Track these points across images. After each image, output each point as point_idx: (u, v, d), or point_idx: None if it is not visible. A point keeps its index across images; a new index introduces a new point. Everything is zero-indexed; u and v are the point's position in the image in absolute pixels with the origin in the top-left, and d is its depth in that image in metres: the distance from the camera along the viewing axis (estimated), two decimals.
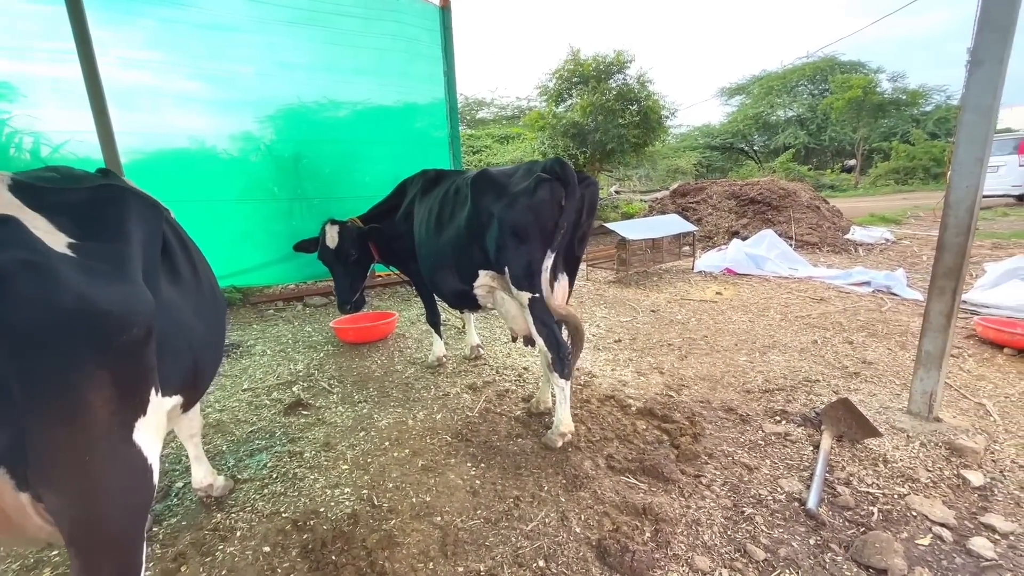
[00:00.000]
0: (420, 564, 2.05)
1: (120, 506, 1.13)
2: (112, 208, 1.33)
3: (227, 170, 5.77)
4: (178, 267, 1.58)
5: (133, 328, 1.13)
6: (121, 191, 1.42)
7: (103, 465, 1.10)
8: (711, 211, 9.65)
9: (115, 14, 4.90)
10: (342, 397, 3.59)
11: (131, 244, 1.28)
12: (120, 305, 1.11)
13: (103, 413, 1.10)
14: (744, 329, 4.67)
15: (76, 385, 1.03)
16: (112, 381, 1.11)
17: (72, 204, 1.24)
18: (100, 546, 1.08)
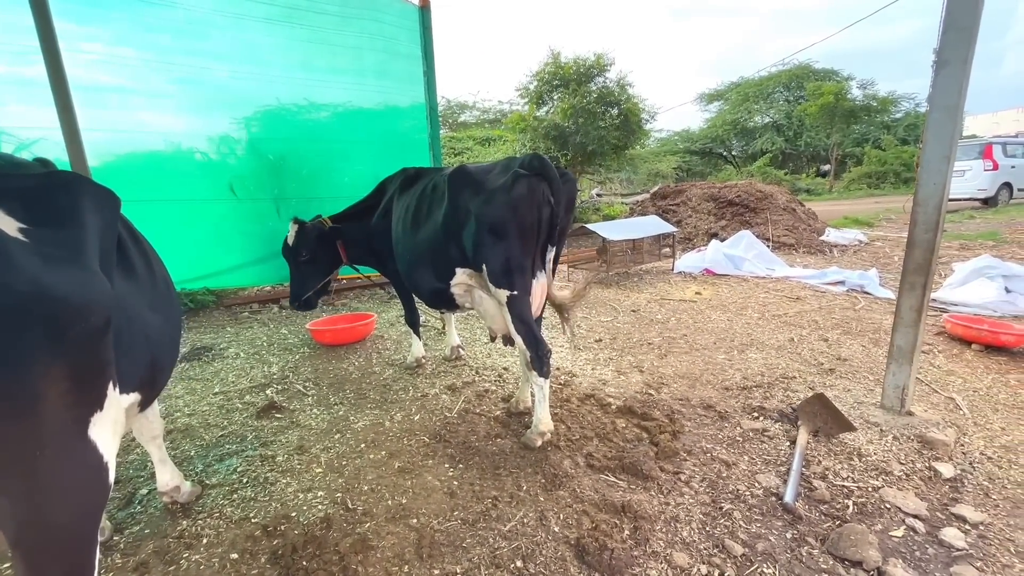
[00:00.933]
0: (395, 568, 1.99)
1: (72, 507, 1.06)
2: (65, 195, 1.26)
3: (202, 171, 5.62)
4: (132, 260, 1.51)
5: (91, 317, 1.06)
6: (76, 178, 1.35)
7: (54, 463, 1.03)
8: (691, 213, 9.76)
9: (83, 8, 4.74)
10: (317, 399, 3.51)
11: (86, 231, 1.21)
12: (77, 293, 1.05)
13: (56, 407, 1.03)
14: (723, 328, 4.71)
15: (28, 376, 0.96)
16: (67, 373, 1.04)
17: (22, 190, 1.17)
18: (49, 549, 1.01)
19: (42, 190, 1.22)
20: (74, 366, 1.05)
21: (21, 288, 0.94)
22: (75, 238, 1.14)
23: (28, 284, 0.95)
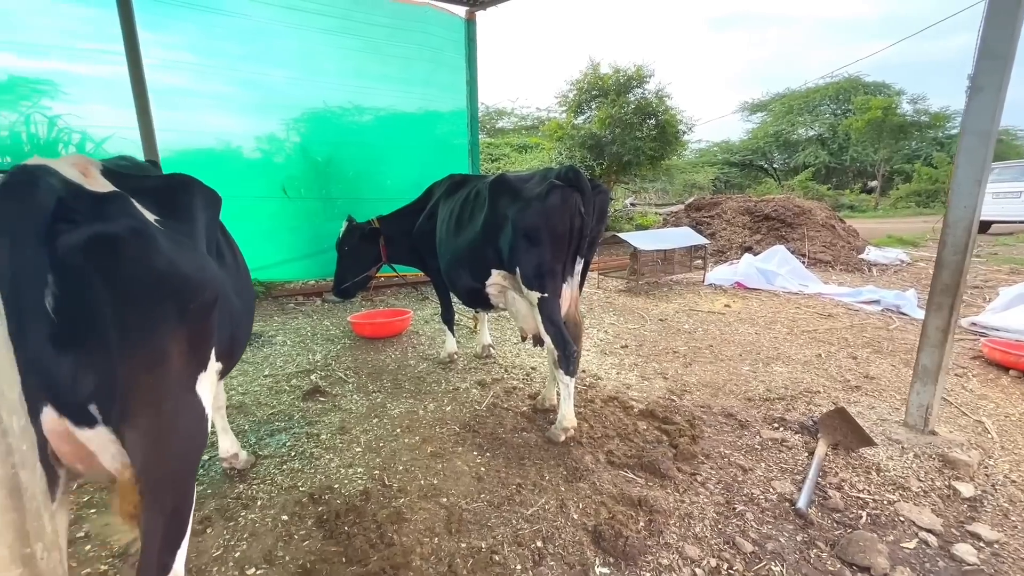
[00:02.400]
0: (426, 539, 2.19)
1: (184, 446, 1.30)
2: (184, 194, 1.54)
3: (257, 170, 6.05)
4: (223, 249, 1.77)
5: (205, 293, 1.30)
6: (191, 180, 1.63)
7: (173, 408, 1.27)
8: (725, 226, 9.72)
9: (159, 18, 5.20)
10: (357, 387, 3.77)
11: (199, 224, 1.48)
12: (197, 273, 1.29)
13: (178, 363, 1.27)
14: (750, 341, 4.75)
15: (161, 336, 1.21)
16: (186, 337, 1.28)
17: (150, 188, 1.44)
18: (165, 479, 1.23)
19: (167, 189, 1.50)
20: (191, 332, 1.30)
21: (161, 267, 1.18)
22: (192, 229, 1.40)
23: (166, 264, 1.19)
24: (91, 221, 1.08)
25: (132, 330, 1.15)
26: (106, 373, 1.12)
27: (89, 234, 1.06)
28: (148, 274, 1.15)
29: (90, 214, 1.11)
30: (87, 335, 1.11)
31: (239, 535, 2.20)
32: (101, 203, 1.16)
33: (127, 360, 1.14)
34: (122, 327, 1.13)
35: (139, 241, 1.14)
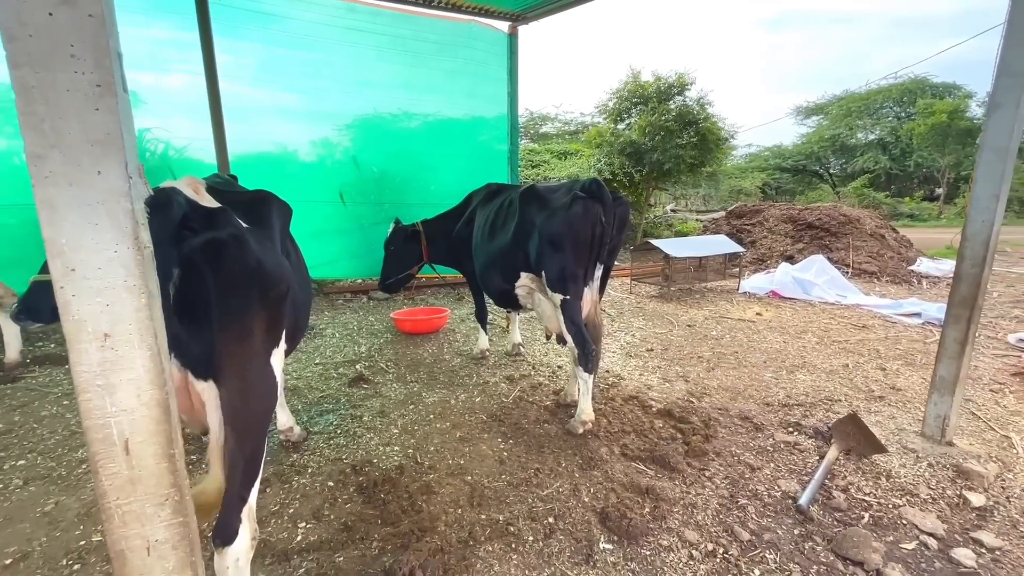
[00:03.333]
0: (451, 509, 2.47)
1: (260, 404, 1.66)
2: (264, 205, 1.94)
3: (310, 172, 6.56)
4: (289, 251, 2.13)
5: (281, 285, 1.67)
6: (268, 194, 2.03)
7: (255, 373, 1.63)
8: (766, 234, 9.58)
9: (232, 41, 5.79)
10: (396, 376, 4.12)
11: (275, 230, 1.84)
12: (277, 269, 1.66)
13: (259, 338, 1.63)
14: (776, 349, 4.80)
15: (248, 316, 1.57)
16: (266, 318, 1.65)
17: (240, 201, 1.82)
18: (247, 428, 1.58)
19: (252, 202, 1.89)
20: (269, 315, 1.65)
21: (251, 264, 1.53)
22: (271, 233, 1.77)
23: (255, 262, 1.54)
24: (205, 229, 1.46)
25: (229, 310, 1.51)
26: (205, 344, 1.48)
27: (204, 239, 1.43)
28: (242, 269, 1.52)
29: (204, 224, 1.48)
30: (200, 312, 1.47)
31: (292, 495, 2.56)
32: (211, 215, 1.54)
33: (224, 332, 1.50)
34: (222, 308, 1.49)
35: (237, 244, 1.50)
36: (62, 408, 3.47)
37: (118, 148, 0.85)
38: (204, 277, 1.44)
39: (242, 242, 1.51)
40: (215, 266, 1.44)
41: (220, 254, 1.45)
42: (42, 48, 0.79)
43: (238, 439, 1.54)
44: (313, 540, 2.23)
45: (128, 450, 0.95)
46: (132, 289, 0.92)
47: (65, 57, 0.81)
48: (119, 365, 0.93)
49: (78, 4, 0.80)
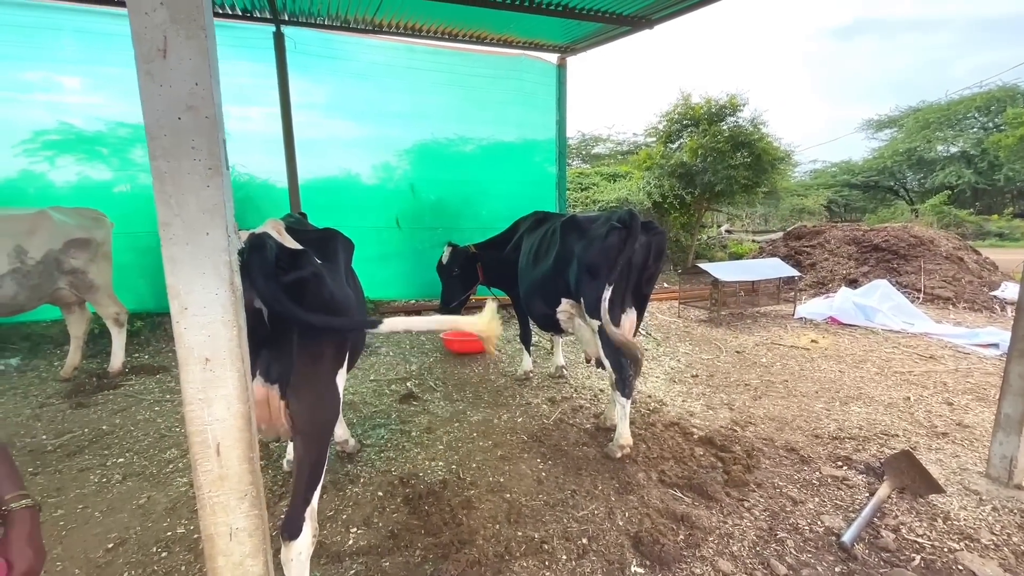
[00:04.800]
0: (490, 524, 2.61)
1: (326, 416, 1.92)
2: (332, 242, 2.27)
3: (370, 196, 7.02)
4: (350, 279, 2.41)
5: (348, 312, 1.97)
6: (335, 232, 2.37)
7: (324, 389, 1.91)
8: (827, 256, 9.17)
9: (304, 80, 6.39)
10: (444, 395, 4.34)
11: (340, 263, 2.16)
12: (344, 300, 1.95)
13: (329, 359, 1.92)
14: (830, 378, 4.63)
15: (322, 342, 1.86)
16: (335, 343, 1.94)
17: (313, 240, 2.15)
18: (313, 438, 1.83)
19: (322, 240, 2.22)
20: (337, 340, 1.95)
21: (326, 296, 1.82)
22: (337, 267, 2.06)
23: (328, 295, 1.80)
24: (291, 269, 1.74)
25: (306, 336, 1.79)
26: (285, 364, 1.75)
27: (292, 277, 1.71)
28: (319, 301, 1.78)
29: (290, 264, 1.75)
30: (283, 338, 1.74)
31: (346, 502, 2.80)
32: (296, 256, 1.80)
33: (301, 354, 1.78)
34: (301, 334, 1.77)
35: (316, 281, 1.78)
36: (153, 414, 3.93)
37: (222, 215, 1.10)
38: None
39: (320, 279, 1.78)
40: (298, 300, 1.71)
41: (303, 289, 1.73)
42: (172, 143, 1.05)
43: (306, 446, 1.80)
44: (363, 545, 2.44)
45: (219, 452, 1.19)
46: (227, 323, 1.16)
47: (188, 149, 1.07)
48: (215, 384, 1.17)
49: (198, 109, 1.06)
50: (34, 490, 2.88)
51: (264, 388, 1.76)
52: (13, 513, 1.11)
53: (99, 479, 3.01)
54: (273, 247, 1.72)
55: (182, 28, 1.02)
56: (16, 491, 1.14)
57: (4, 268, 3.89)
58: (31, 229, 4.10)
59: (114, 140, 5.85)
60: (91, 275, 4.43)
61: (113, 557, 2.37)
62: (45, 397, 4.22)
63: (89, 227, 4.45)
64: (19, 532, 1.09)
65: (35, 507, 1.15)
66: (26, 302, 4.09)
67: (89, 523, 2.61)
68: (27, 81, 5.51)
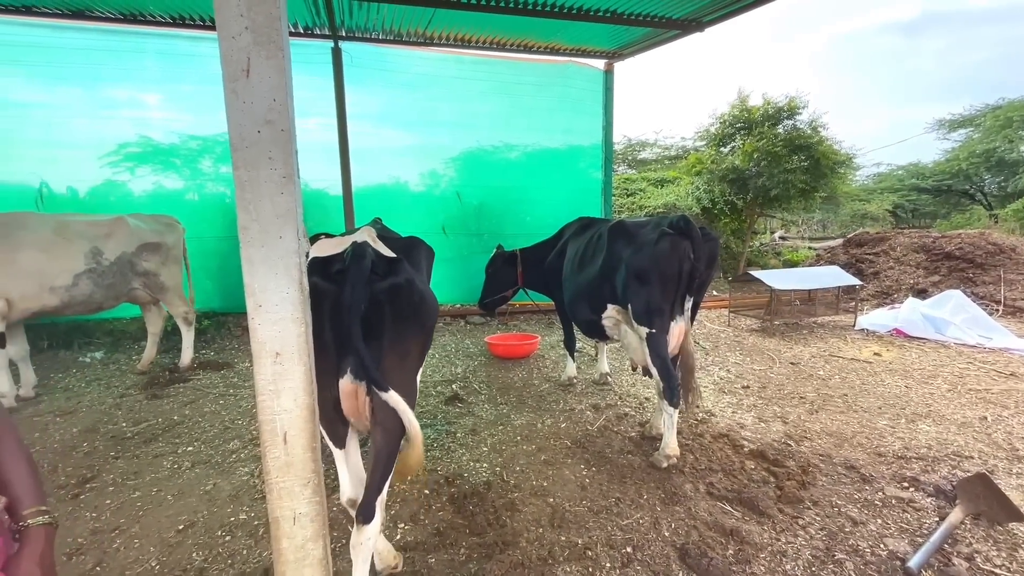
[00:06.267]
0: (533, 527, 2.63)
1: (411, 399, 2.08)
2: (416, 249, 2.46)
3: (418, 202, 7.23)
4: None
5: (435, 315, 2.14)
6: (418, 240, 2.57)
7: (409, 383, 2.08)
8: (892, 265, 8.63)
9: (359, 94, 6.68)
10: (488, 398, 4.40)
11: (424, 269, 2.37)
12: (433, 303, 2.12)
13: (415, 357, 2.10)
14: (895, 394, 4.35)
15: (410, 341, 2.04)
16: (420, 343, 2.12)
17: (398, 247, 2.30)
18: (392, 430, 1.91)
19: (409, 247, 2.41)
20: (422, 340, 2.12)
21: (417, 301, 1.97)
22: (422, 272, 2.28)
23: (420, 299, 1.97)
24: (387, 275, 1.92)
25: (398, 337, 1.95)
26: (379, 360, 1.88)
27: (388, 283, 1.89)
28: (411, 305, 1.96)
29: (385, 270, 1.93)
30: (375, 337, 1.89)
31: (394, 499, 2.88)
32: (391, 263, 1.98)
33: (391, 353, 1.94)
34: (393, 334, 1.93)
35: (410, 286, 1.95)
36: (218, 406, 4.19)
37: (294, 220, 1.20)
38: (384, 311, 1.89)
39: (413, 285, 1.96)
40: (392, 302, 1.89)
41: (398, 294, 1.91)
42: (252, 155, 1.15)
43: (384, 438, 1.91)
44: (410, 540, 2.51)
45: (286, 441, 1.27)
46: (296, 320, 1.25)
47: (265, 159, 1.16)
48: (284, 377, 1.26)
49: (275, 123, 1.15)
50: (115, 473, 3.15)
51: (353, 384, 1.91)
52: (29, 530, 1.06)
53: (171, 465, 3.25)
54: (371, 255, 1.90)
55: (263, 49, 1.12)
56: (36, 505, 1.09)
57: (81, 268, 4.25)
58: (108, 233, 4.47)
59: (186, 151, 6.33)
60: (162, 277, 4.79)
61: (183, 538, 2.55)
62: (124, 388, 4.59)
63: (161, 232, 4.82)
64: (32, 551, 1.03)
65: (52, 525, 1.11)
66: (103, 300, 4.46)
67: (162, 505, 2.82)
68: (116, 98, 6.05)
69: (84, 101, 5.93)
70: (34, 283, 4.03)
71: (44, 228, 4.14)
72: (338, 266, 1.90)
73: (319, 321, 1.80)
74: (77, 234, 4.28)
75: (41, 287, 4.05)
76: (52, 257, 4.11)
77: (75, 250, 4.23)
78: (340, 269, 1.88)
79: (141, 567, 2.34)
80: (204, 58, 5.97)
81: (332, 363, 1.91)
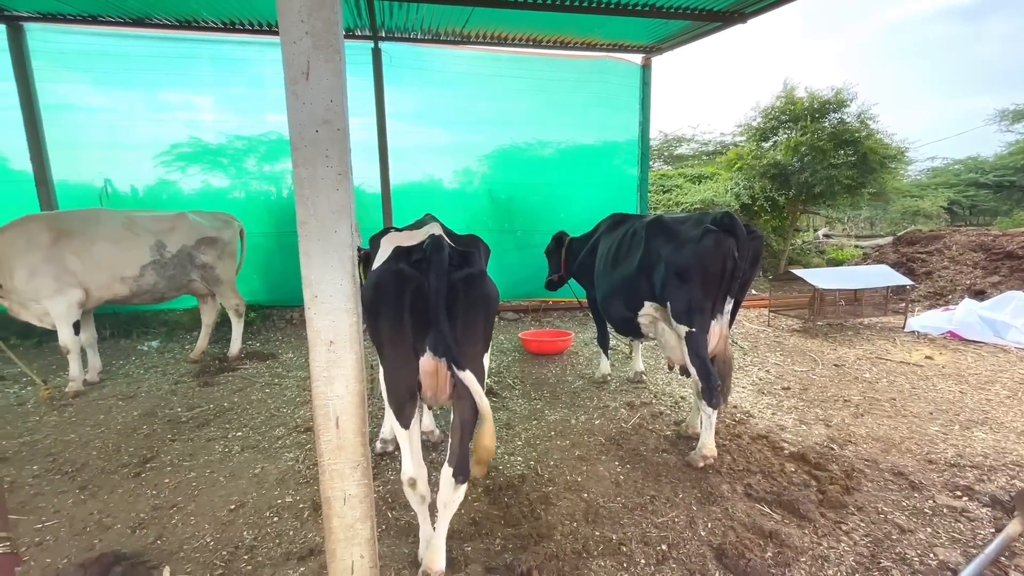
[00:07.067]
0: (567, 522, 2.65)
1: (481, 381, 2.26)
2: (475, 245, 2.63)
3: (452, 199, 7.33)
4: None
5: (497, 302, 2.37)
6: (477, 238, 2.77)
7: (480, 365, 2.31)
8: (947, 264, 8.19)
9: (396, 94, 6.81)
10: (522, 393, 4.44)
11: (484, 262, 2.56)
12: (496, 294, 2.34)
13: (483, 341, 2.32)
14: (949, 399, 4.15)
15: (481, 326, 2.25)
16: (488, 329, 2.34)
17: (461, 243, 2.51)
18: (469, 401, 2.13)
19: (469, 243, 2.60)
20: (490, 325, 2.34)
21: (487, 290, 2.20)
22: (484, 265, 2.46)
23: (490, 289, 2.20)
24: (462, 267, 2.11)
25: (470, 322, 2.17)
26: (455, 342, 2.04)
27: (465, 272, 2.09)
28: (482, 294, 2.18)
29: (460, 262, 2.13)
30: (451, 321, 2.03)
31: (431, 487, 2.95)
32: (465, 256, 2.17)
33: (464, 337, 2.15)
34: (465, 319, 2.14)
35: (482, 276, 2.18)
36: (264, 395, 4.39)
37: (348, 215, 1.26)
38: (458, 298, 2.08)
39: (484, 275, 2.21)
40: (466, 291, 2.10)
41: (473, 284, 2.13)
42: (311, 153, 1.22)
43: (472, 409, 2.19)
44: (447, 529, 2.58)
45: (338, 425, 1.35)
46: (349, 311, 1.31)
47: (322, 157, 1.23)
48: (337, 364, 1.33)
49: (332, 123, 1.22)
50: (172, 454, 3.35)
51: (434, 361, 2.15)
52: None
53: (222, 449, 3.43)
54: (447, 246, 2.10)
55: (321, 53, 1.19)
56: None
57: (147, 259, 4.57)
58: (171, 228, 4.77)
59: (232, 151, 6.61)
60: (218, 270, 5.05)
61: (234, 517, 2.70)
62: (179, 375, 4.86)
63: (218, 228, 5.08)
64: None
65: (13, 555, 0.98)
66: (166, 290, 4.77)
67: (215, 486, 2.99)
68: (171, 102, 6.38)
69: (143, 105, 6.29)
70: (107, 273, 4.40)
71: (115, 223, 4.51)
72: (417, 255, 2.10)
73: (401, 305, 2.05)
74: (143, 228, 4.61)
75: (113, 277, 4.42)
76: (122, 249, 4.47)
77: (142, 243, 4.57)
78: (420, 258, 2.09)
79: (197, 542, 2.49)
80: (251, 62, 6.23)
81: (411, 344, 2.13)
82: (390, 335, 2.15)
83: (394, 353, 2.17)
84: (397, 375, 2.19)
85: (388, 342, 2.17)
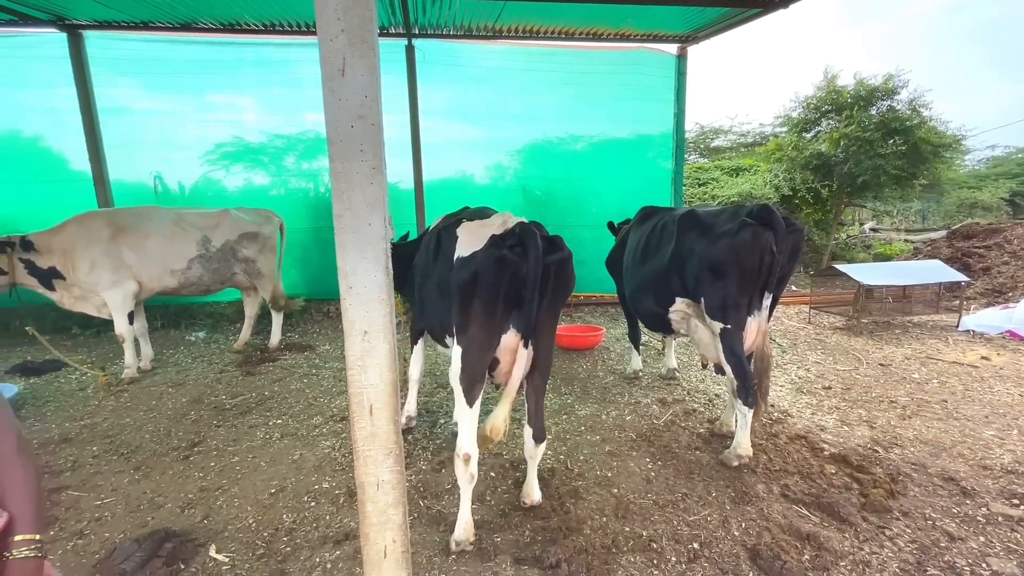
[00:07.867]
0: (596, 516, 2.65)
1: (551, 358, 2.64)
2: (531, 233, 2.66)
3: (483, 195, 7.35)
4: None
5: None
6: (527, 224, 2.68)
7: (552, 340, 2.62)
8: (1008, 260, 7.69)
9: (429, 90, 6.88)
10: (552, 387, 4.43)
11: None
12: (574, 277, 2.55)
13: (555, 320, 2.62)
14: (1006, 402, 3.91)
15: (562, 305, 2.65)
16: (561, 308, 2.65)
17: None
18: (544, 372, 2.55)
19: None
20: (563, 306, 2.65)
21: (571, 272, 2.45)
22: None
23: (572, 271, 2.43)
24: (553, 251, 2.31)
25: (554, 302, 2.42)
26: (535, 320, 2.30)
27: (557, 256, 2.30)
28: (570, 276, 2.43)
29: (551, 247, 2.31)
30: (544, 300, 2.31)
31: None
32: (554, 241, 2.36)
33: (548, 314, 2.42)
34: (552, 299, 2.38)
35: (569, 260, 2.39)
36: (302, 385, 4.54)
37: (381, 208, 1.30)
38: (549, 279, 2.29)
39: (570, 257, 2.38)
40: (558, 273, 2.33)
41: (563, 267, 2.36)
42: (347, 148, 1.26)
43: (543, 378, 2.58)
44: (477, 519, 2.61)
45: (372, 412, 1.39)
46: (382, 302, 1.35)
47: (357, 152, 1.27)
48: (371, 353, 1.37)
49: (366, 118, 1.25)
50: (218, 439, 3.52)
51: (516, 337, 2.38)
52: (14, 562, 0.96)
53: (264, 435, 3.58)
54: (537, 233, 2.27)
55: (356, 50, 1.22)
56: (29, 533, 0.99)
57: (193, 253, 4.81)
58: (216, 224, 5.00)
59: (272, 150, 6.83)
60: (259, 264, 5.25)
61: (275, 501, 2.81)
62: (223, 365, 5.08)
63: (260, 223, 5.28)
64: None
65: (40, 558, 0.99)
66: (211, 284, 5.01)
67: (257, 471, 3.12)
68: (216, 103, 6.65)
69: (191, 107, 6.59)
70: (159, 266, 4.68)
71: (166, 219, 4.80)
72: (511, 241, 2.28)
73: (499, 287, 2.24)
74: (191, 224, 4.86)
75: (164, 270, 4.70)
76: (172, 244, 4.75)
77: (189, 238, 4.84)
78: (514, 243, 2.27)
79: (240, 523, 2.62)
80: (291, 63, 6.41)
81: (497, 323, 2.33)
82: (483, 316, 2.30)
83: (482, 333, 2.32)
84: (481, 354, 2.35)
85: (477, 322, 2.31)
